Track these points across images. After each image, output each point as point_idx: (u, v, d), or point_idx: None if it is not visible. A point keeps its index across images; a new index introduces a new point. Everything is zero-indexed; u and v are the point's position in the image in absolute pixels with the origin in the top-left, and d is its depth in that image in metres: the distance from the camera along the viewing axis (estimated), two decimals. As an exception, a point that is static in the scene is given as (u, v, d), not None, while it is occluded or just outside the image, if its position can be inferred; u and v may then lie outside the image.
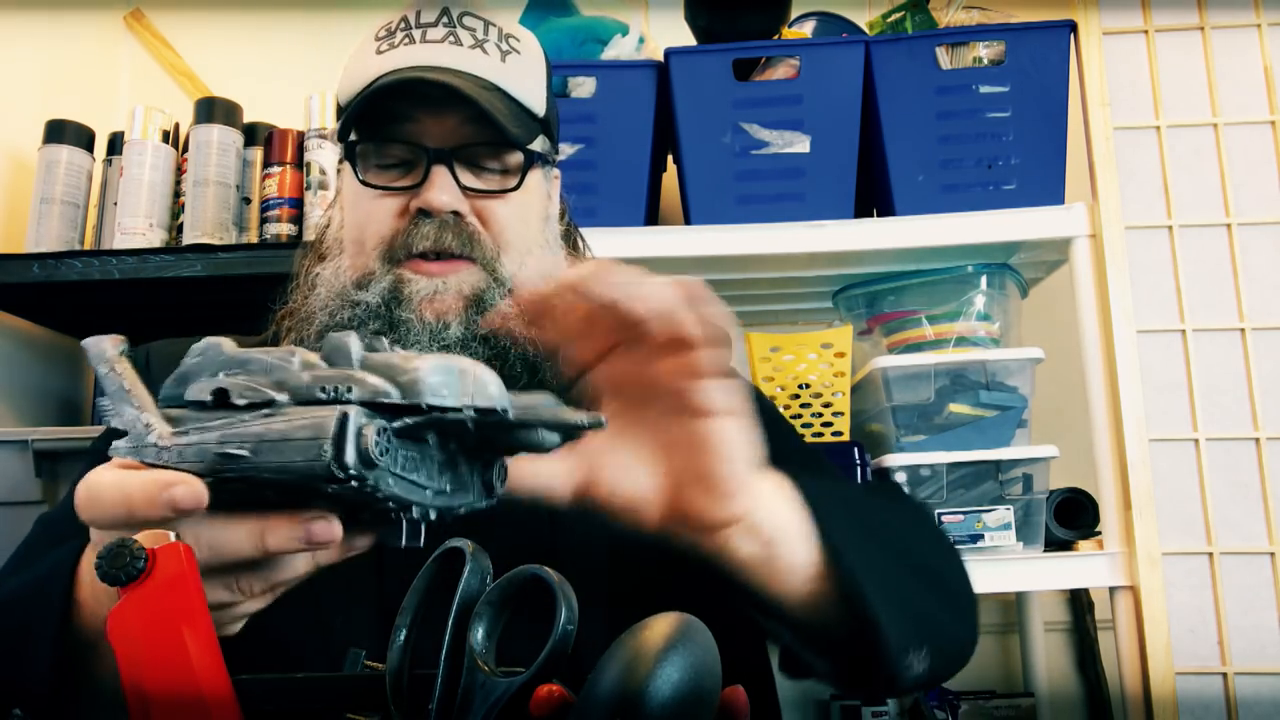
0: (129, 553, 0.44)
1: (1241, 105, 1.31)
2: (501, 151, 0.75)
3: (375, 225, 0.74)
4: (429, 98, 0.73)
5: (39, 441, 1.25)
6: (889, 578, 0.62)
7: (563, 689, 0.39)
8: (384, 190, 0.74)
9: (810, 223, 1.28)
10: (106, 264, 1.29)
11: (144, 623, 0.43)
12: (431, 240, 0.72)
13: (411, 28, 0.76)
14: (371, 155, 0.76)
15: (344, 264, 0.76)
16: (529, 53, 0.79)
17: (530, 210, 0.78)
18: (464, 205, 0.73)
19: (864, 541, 0.62)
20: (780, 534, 0.59)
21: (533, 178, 0.78)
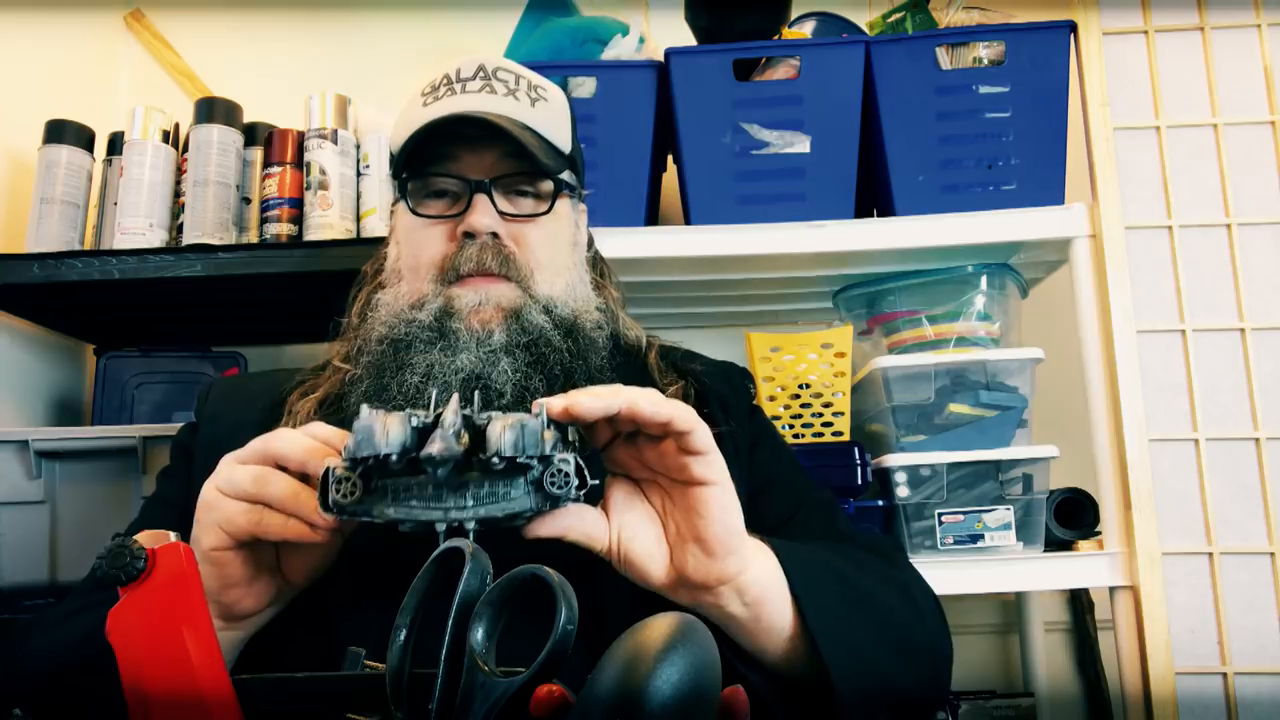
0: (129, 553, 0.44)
1: (1241, 105, 1.31)
2: (534, 180, 0.86)
3: (428, 251, 0.84)
4: (469, 137, 0.83)
5: (39, 441, 1.25)
6: (855, 642, 0.70)
7: (563, 689, 0.39)
8: (433, 219, 0.85)
9: (810, 223, 1.28)
10: (106, 264, 1.29)
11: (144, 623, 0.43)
12: (475, 261, 0.82)
13: (453, 83, 0.86)
14: (421, 191, 0.86)
15: (402, 290, 0.86)
16: (555, 100, 0.90)
17: (560, 236, 0.88)
18: (502, 228, 0.83)
19: (834, 605, 0.71)
20: (764, 596, 0.67)
21: (562, 205, 0.88)
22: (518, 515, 0.58)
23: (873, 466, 1.28)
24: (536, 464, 0.58)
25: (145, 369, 1.49)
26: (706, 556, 0.64)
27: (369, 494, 0.57)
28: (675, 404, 0.61)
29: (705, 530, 0.64)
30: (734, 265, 1.36)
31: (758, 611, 0.67)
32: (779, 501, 0.88)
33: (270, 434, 0.65)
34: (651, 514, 0.67)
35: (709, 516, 0.64)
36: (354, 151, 1.43)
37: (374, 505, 0.57)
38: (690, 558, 0.64)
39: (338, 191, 1.38)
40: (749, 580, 0.66)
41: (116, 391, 1.48)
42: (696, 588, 0.65)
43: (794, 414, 1.33)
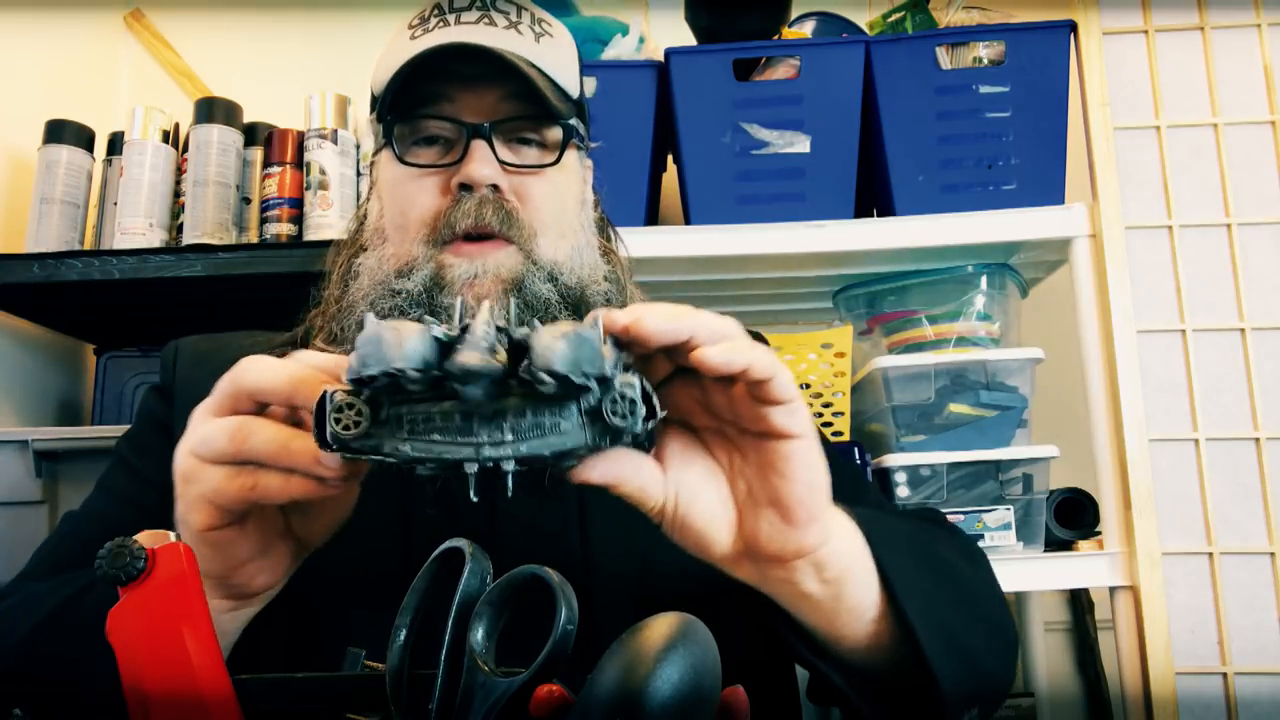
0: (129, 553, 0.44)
1: (1241, 105, 1.31)
2: (540, 126, 0.76)
3: (418, 207, 0.73)
4: (466, 75, 0.73)
5: (39, 441, 1.25)
6: (951, 628, 0.60)
7: (563, 689, 0.39)
8: (424, 169, 0.74)
9: (810, 223, 1.28)
10: (106, 264, 1.29)
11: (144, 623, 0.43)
12: (473, 217, 0.71)
13: (445, 12, 0.76)
14: (409, 135, 0.75)
15: (387, 252, 0.75)
16: (561, 37, 0.79)
17: (567, 191, 0.78)
18: (503, 180, 0.73)
19: (928, 587, 0.60)
20: (848, 574, 0.56)
21: (569, 158, 0.77)
22: (569, 454, 0.46)
23: (873, 466, 1.28)
24: (595, 386, 0.44)
25: (145, 369, 1.49)
26: (785, 524, 0.52)
27: (379, 425, 0.45)
28: (751, 346, 0.48)
29: (786, 492, 0.51)
30: (734, 265, 1.36)
31: (839, 590, 0.56)
32: None
33: (240, 365, 0.51)
34: (715, 470, 0.53)
35: (791, 476, 0.51)
36: (354, 151, 1.43)
37: (385, 440, 0.45)
38: (764, 524, 0.52)
39: (338, 191, 1.38)
40: (830, 553, 0.54)
41: (116, 391, 1.48)
42: (768, 560, 0.54)
43: (794, 414, 1.33)
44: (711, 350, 0.47)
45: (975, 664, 0.61)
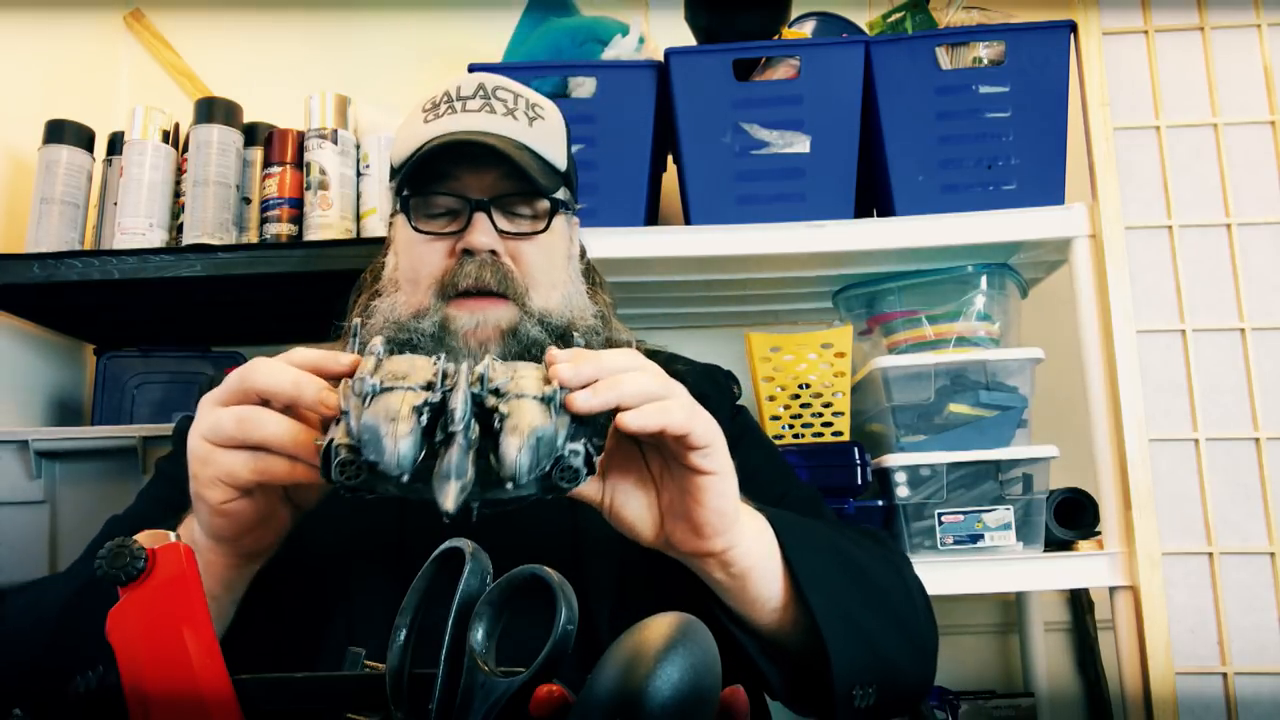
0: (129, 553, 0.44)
1: (1241, 105, 1.31)
2: (531, 200, 0.88)
3: (428, 266, 0.86)
4: (470, 156, 0.86)
5: (39, 441, 1.25)
6: (852, 615, 0.72)
7: (563, 689, 0.39)
8: (434, 235, 0.86)
9: (810, 223, 1.28)
10: (106, 264, 1.29)
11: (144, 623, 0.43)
12: (473, 278, 0.83)
13: (453, 100, 0.89)
14: (422, 207, 0.88)
15: (399, 299, 0.87)
16: (551, 118, 0.92)
17: (555, 251, 0.90)
18: (500, 246, 0.85)
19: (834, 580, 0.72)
20: (751, 570, 0.69)
21: (557, 223, 0.90)
22: (522, 500, 0.58)
23: (873, 466, 1.28)
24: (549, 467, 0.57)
25: (145, 369, 1.49)
26: (694, 536, 0.66)
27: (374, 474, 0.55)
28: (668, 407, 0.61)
29: (697, 514, 0.65)
30: (734, 265, 1.36)
31: (743, 583, 0.69)
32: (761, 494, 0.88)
33: (247, 366, 0.61)
34: (646, 479, 0.67)
35: (704, 504, 0.64)
36: (354, 151, 1.43)
37: (378, 483, 0.54)
38: (678, 531, 0.66)
39: (338, 191, 1.38)
40: (735, 555, 0.68)
41: (116, 391, 1.48)
42: (682, 555, 0.68)
43: (794, 414, 1.33)
44: (629, 416, 0.59)
45: (874, 649, 0.72)
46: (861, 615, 0.73)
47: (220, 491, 0.61)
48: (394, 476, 0.54)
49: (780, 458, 1.00)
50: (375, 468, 0.54)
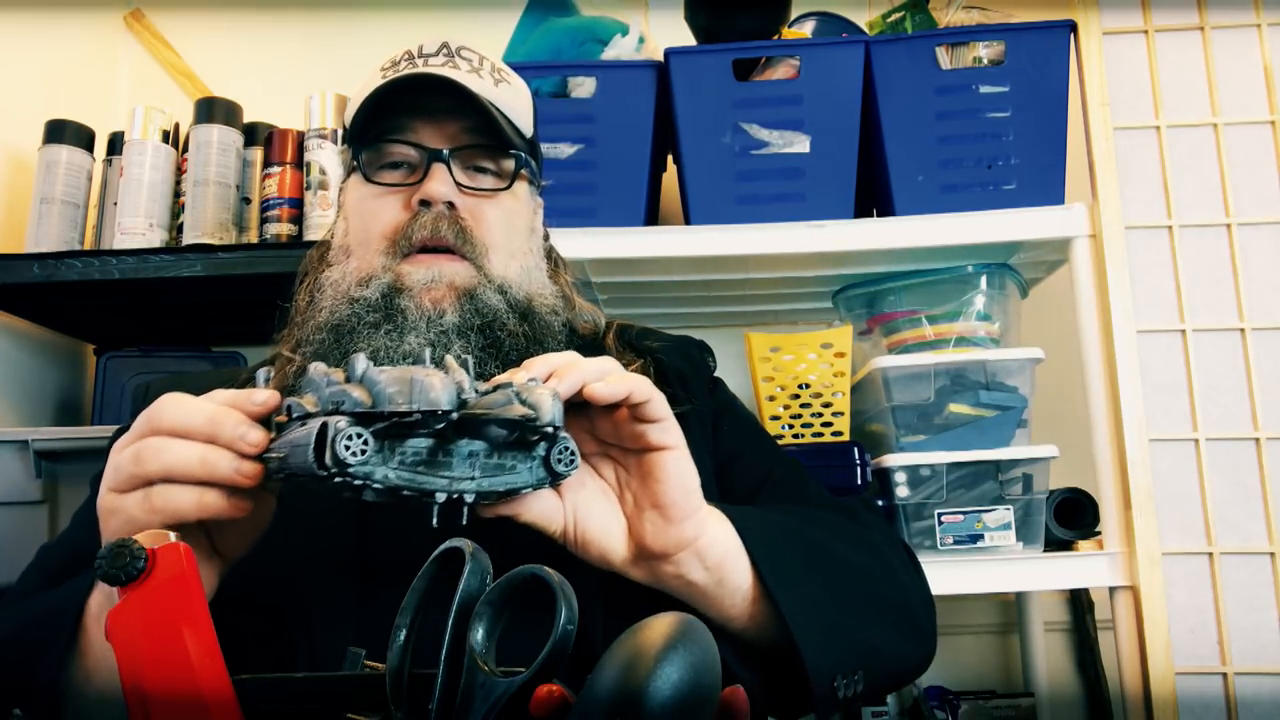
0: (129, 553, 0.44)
1: (1241, 105, 1.31)
2: (494, 155, 0.84)
3: (380, 222, 0.80)
4: (429, 109, 0.81)
5: (39, 441, 1.25)
6: (820, 604, 0.69)
7: (563, 689, 0.39)
8: (388, 187, 0.81)
9: (810, 223, 1.28)
10: (106, 264, 1.29)
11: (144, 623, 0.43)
12: (429, 229, 0.78)
13: (415, 58, 0.84)
14: (376, 160, 0.83)
15: (350, 267, 0.81)
16: (518, 85, 0.88)
17: (517, 217, 0.85)
18: (459, 199, 0.80)
19: (798, 569, 0.69)
20: (725, 558, 0.66)
21: (520, 188, 0.85)
22: (516, 491, 0.57)
23: (873, 466, 1.28)
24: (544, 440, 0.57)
25: (145, 369, 1.49)
26: (666, 522, 0.63)
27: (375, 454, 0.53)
28: (628, 375, 0.60)
29: (664, 495, 0.62)
30: (734, 265, 1.36)
31: (720, 575, 0.66)
32: (748, 472, 0.86)
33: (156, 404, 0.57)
34: (604, 488, 0.65)
35: (667, 481, 0.62)
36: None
37: (377, 468, 0.52)
38: (649, 525, 0.63)
39: (337, 191, 1.38)
40: (709, 543, 0.65)
41: (116, 391, 1.48)
42: (656, 558, 0.64)
43: (794, 414, 1.33)
44: (599, 385, 0.59)
45: (851, 635, 0.69)
46: (833, 602, 0.69)
47: None
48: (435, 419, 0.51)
49: (760, 430, 0.96)
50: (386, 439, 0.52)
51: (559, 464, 0.57)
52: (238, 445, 0.55)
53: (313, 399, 0.55)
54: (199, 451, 0.55)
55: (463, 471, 0.55)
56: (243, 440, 0.55)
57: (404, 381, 0.52)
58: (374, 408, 0.51)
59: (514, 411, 0.54)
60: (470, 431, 0.55)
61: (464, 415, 0.53)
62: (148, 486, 0.55)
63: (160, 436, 0.55)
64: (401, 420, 0.52)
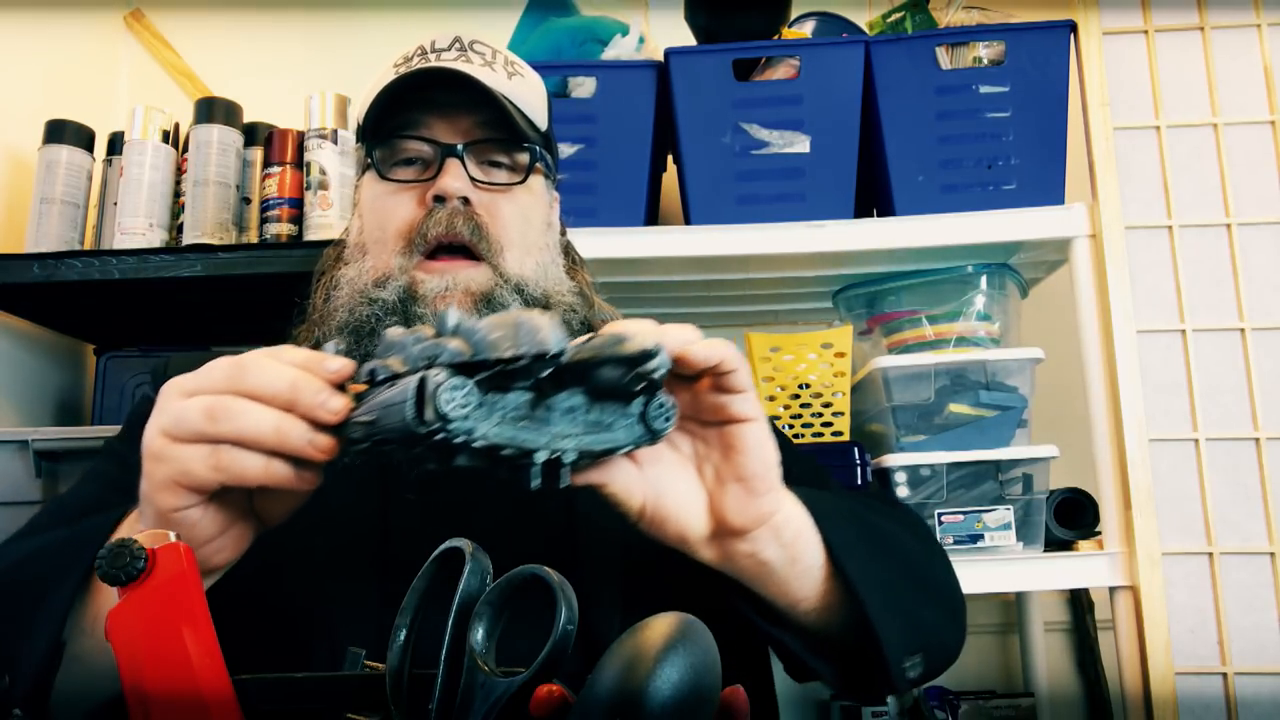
0: (129, 553, 0.44)
1: (1241, 105, 1.31)
2: (509, 150, 0.83)
3: (395, 219, 0.80)
4: (442, 103, 0.80)
5: (39, 441, 1.25)
6: (888, 584, 0.67)
7: (563, 689, 0.39)
8: (402, 184, 0.81)
9: (810, 223, 1.28)
10: (106, 264, 1.29)
11: (144, 623, 0.43)
12: (444, 225, 0.77)
13: (427, 52, 0.83)
14: (390, 157, 0.82)
15: (365, 265, 0.81)
16: (532, 79, 0.87)
17: (533, 212, 0.84)
18: (474, 194, 0.79)
19: (865, 549, 0.67)
20: (800, 535, 0.63)
21: (536, 182, 0.84)
22: (613, 450, 0.54)
23: (873, 466, 1.28)
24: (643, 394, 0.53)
25: (145, 369, 1.49)
26: (749, 496, 0.59)
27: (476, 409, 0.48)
28: (715, 342, 0.56)
29: (748, 467, 0.59)
30: (734, 265, 1.36)
31: (794, 552, 0.63)
32: None
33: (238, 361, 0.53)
34: (682, 461, 0.61)
35: (751, 453, 0.59)
36: (354, 152, 1.43)
37: (478, 424, 0.48)
38: (731, 499, 0.60)
39: (338, 191, 1.38)
40: (785, 518, 0.62)
41: (116, 391, 1.48)
42: (734, 535, 0.61)
43: (794, 414, 1.33)
44: (697, 348, 0.55)
45: (912, 617, 0.68)
46: (896, 583, 0.68)
47: (174, 496, 0.53)
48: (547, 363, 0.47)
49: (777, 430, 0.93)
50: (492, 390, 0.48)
51: (657, 420, 0.54)
52: (317, 413, 0.52)
53: (398, 360, 0.52)
54: (275, 420, 0.52)
55: (563, 429, 0.51)
56: (323, 408, 0.52)
57: (507, 325, 0.48)
58: (474, 357, 0.48)
59: (630, 347, 0.49)
60: (575, 381, 0.51)
61: (577, 358, 0.49)
62: (214, 444, 0.52)
63: (239, 398, 0.52)
64: (506, 368, 0.48)
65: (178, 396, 0.54)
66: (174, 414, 0.53)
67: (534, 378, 0.49)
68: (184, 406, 0.53)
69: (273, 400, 0.52)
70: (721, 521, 0.60)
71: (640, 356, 0.50)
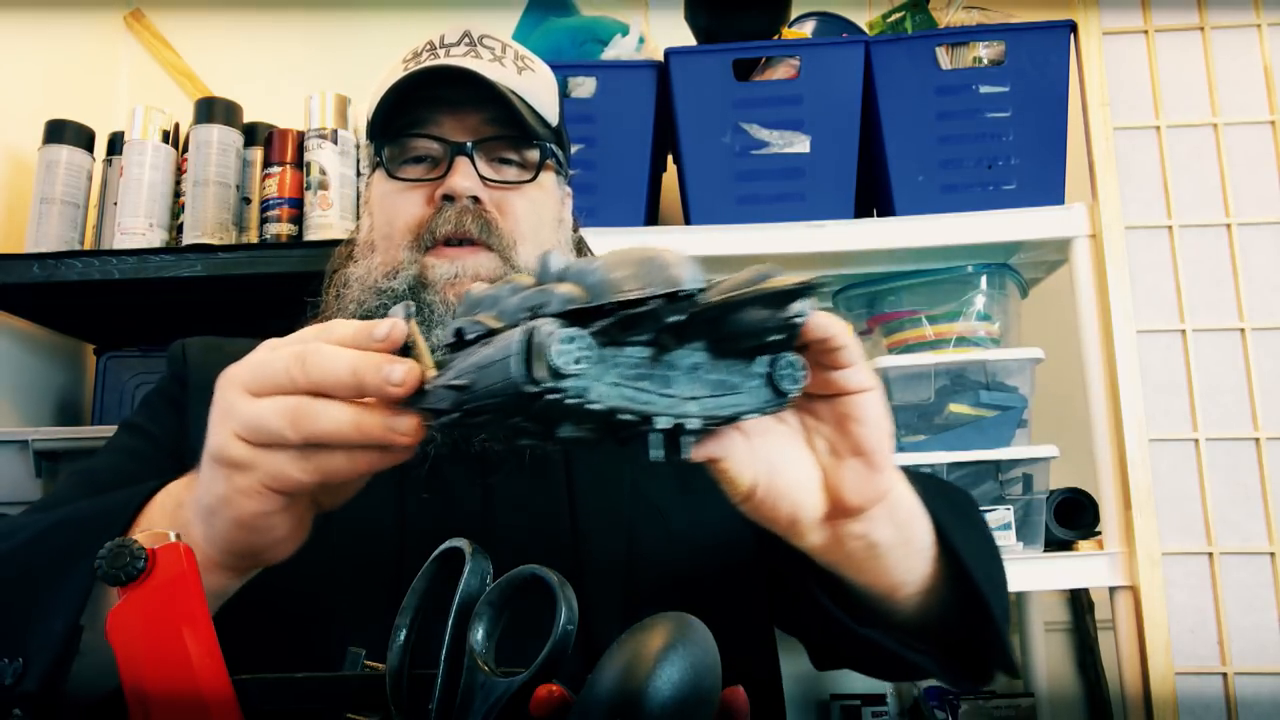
0: (129, 553, 0.44)
1: (1241, 105, 1.31)
2: (519, 147, 0.82)
3: (404, 216, 0.79)
4: (451, 100, 0.79)
5: (39, 441, 1.25)
6: (982, 559, 0.65)
7: (563, 689, 0.39)
8: (411, 182, 0.80)
9: (810, 223, 1.28)
10: (106, 264, 1.29)
11: (144, 623, 0.43)
12: (453, 224, 0.77)
13: (436, 48, 0.83)
14: (399, 155, 0.82)
15: (375, 261, 0.81)
16: (542, 73, 0.86)
17: (544, 208, 0.83)
18: (484, 193, 0.79)
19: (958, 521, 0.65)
20: (912, 513, 0.60)
21: (547, 178, 0.83)
22: (738, 416, 0.47)
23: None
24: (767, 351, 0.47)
25: (145, 369, 1.49)
26: (869, 471, 0.55)
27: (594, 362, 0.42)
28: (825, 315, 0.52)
29: (867, 440, 0.54)
30: (734, 265, 1.36)
31: (909, 532, 0.60)
32: None
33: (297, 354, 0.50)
34: (791, 435, 0.56)
35: (870, 424, 0.54)
36: (354, 151, 1.43)
37: (594, 382, 0.41)
38: (850, 475, 0.55)
39: (338, 191, 1.38)
40: (899, 495, 0.58)
41: (116, 391, 1.48)
42: (849, 514, 0.56)
43: (794, 414, 1.33)
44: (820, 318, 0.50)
45: (1000, 592, 0.66)
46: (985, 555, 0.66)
47: (263, 500, 0.51)
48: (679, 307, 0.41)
49: None
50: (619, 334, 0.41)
51: (784, 379, 0.47)
52: (385, 391, 0.48)
53: (490, 316, 0.45)
54: (353, 418, 0.49)
55: (686, 390, 0.44)
56: (388, 383, 0.48)
57: (631, 262, 0.41)
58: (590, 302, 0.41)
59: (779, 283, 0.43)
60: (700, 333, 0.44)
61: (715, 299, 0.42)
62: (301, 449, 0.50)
63: (313, 400, 0.49)
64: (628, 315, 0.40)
65: (243, 396, 0.51)
66: (250, 419, 0.50)
67: (660, 326, 0.42)
68: (259, 411, 0.50)
69: (339, 390, 0.49)
70: (838, 500, 0.55)
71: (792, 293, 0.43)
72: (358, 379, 0.48)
